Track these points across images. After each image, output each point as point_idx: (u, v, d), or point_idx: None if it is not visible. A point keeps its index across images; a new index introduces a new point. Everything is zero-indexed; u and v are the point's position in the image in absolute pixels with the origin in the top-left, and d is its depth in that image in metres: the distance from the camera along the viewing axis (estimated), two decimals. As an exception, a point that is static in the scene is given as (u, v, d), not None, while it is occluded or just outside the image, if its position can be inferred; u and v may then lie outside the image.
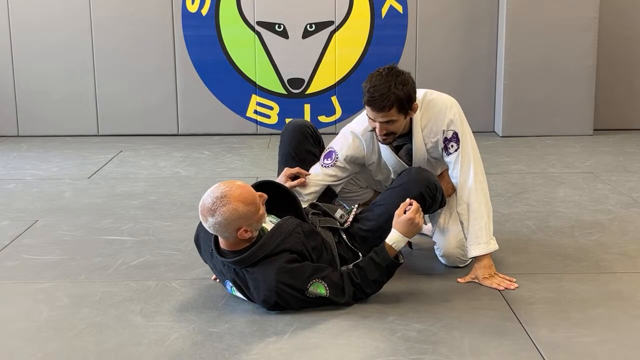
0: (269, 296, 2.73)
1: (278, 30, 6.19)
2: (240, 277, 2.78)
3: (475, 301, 2.88)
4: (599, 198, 4.33)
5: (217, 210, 2.67)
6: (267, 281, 2.72)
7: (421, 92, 3.14)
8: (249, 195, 2.72)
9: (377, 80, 2.95)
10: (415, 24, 6.19)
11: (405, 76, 2.98)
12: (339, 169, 3.24)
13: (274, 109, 6.31)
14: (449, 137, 3.10)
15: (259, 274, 2.74)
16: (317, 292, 2.75)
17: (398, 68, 3.02)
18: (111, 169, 5.17)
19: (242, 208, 2.68)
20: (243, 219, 2.69)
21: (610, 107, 6.37)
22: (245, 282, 2.78)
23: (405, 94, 2.95)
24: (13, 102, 6.25)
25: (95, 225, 3.88)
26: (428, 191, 2.99)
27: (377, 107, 2.95)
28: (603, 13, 6.08)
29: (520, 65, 6.05)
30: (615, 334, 2.61)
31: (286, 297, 2.74)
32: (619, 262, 3.32)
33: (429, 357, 2.45)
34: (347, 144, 3.22)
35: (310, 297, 2.75)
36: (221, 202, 2.67)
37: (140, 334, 2.63)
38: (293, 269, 2.75)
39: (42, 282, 3.12)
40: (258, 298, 2.77)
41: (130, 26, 6.16)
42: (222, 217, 2.67)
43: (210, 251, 2.86)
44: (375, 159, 3.24)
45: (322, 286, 2.76)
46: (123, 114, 6.27)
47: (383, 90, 2.92)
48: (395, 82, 2.93)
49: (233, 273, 2.80)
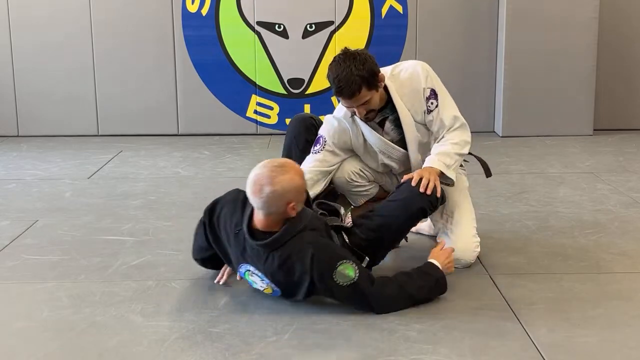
0: (301, 276, 2.68)
1: (278, 30, 6.19)
2: (269, 263, 2.72)
3: (475, 301, 2.88)
4: (599, 198, 4.33)
5: (276, 179, 2.66)
6: (300, 257, 2.68)
7: (389, 67, 3.19)
8: (301, 170, 2.77)
9: (338, 69, 2.97)
10: (415, 24, 6.19)
11: (362, 55, 3.01)
12: (329, 153, 3.26)
13: (274, 109, 6.31)
14: (428, 96, 3.13)
15: (292, 251, 2.69)
16: (346, 273, 2.68)
17: (352, 50, 3.05)
18: (111, 169, 5.17)
19: (298, 180, 2.71)
20: (296, 192, 2.70)
21: (610, 107, 6.37)
22: (274, 267, 2.71)
23: (368, 72, 2.97)
24: (13, 102, 6.25)
25: (95, 225, 3.88)
26: (429, 205, 3.01)
27: (347, 94, 2.98)
28: (603, 13, 6.08)
29: (520, 65, 6.05)
30: (615, 334, 2.61)
31: (317, 274, 2.67)
32: (619, 262, 3.32)
33: (429, 357, 2.45)
34: (333, 128, 3.25)
35: (339, 281, 2.68)
36: (280, 171, 2.68)
37: (140, 334, 2.63)
38: (326, 243, 2.75)
39: (42, 282, 3.12)
40: (287, 281, 2.72)
41: (130, 26, 6.16)
42: (280, 185, 2.65)
43: (235, 232, 2.80)
44: (361, 141, 3.26)
45: (352, 268, 2.70)
46: (123, 114, 6.27)
47: (347, 76, 2.94)
48: (354, 64, 2.96)
49: (262, 258, 2.73)
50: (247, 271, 2.83)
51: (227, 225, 2.86)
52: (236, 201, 2.87)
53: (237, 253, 2.83)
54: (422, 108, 3.15)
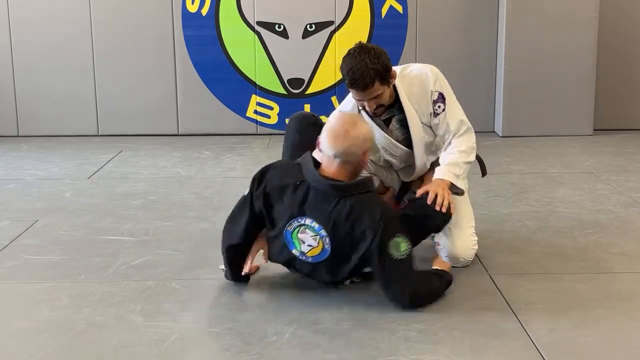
0: (364, 232, 2.69)
1: (278, 30, 6.19)
2: (338, 208, 2.71)
3: (475, 301, 2.88)
4: (599, 198, 4.33)
5: (358, 124, 2.78)
6: (370, 211, 2.70)
7: (399, 67, 3.23)
8: None
9: (353, 62, 3.00)
10: (415, 24, 6.19)
11: (376, 50, 3.06)
12: None
13: (274, 109, 6.31)
14: (436, 99, 3.16)
15: (364, 202, 2.72)
16: (400, 246, 2.71)
17: (367, 44, 3.10)
18: (111, 169, 5.17)
19: (370, 130, 2.87)
20: (371, 141, 2.82)
21: (610, 107, 6.36)
22: (343, 214, 2.70)
23: (383, 66, 3.01)
24: (13, 102, 6.25)
25: (95, 225, 3.88)
26: (444, 222, 3.06)
27: (361, 86, 3.00)
28: (603, 13, 6.08)
29: (520, 65, 6.05)
30: (615, 334, 2.61)
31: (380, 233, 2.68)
32: (618, 262, 3.32)
33: (429, 357, 2.45)
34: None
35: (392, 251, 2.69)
36: (359, 119, 2.85)
37: (140, 334, 2.63)
38: (393, 211, 2.84)
39: (42, 282, 3.12)
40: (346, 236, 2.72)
41: (130, 26, 6.16)
42: (363, 131, 2.78)
43: (297, 182, 2.77)
44: None
45: (405, 245, 2.73)
46: (123, 114, 6.27)
47: (361, 69, 2.97)
48: (369, 57, 2.99)
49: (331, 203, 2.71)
50: (298, 227, 2.77)
51: (280, 181, 2.82)
52: (288, 163, 2.91)
53: (292, 207, 2.78)
54: (428, 110, 3.17)
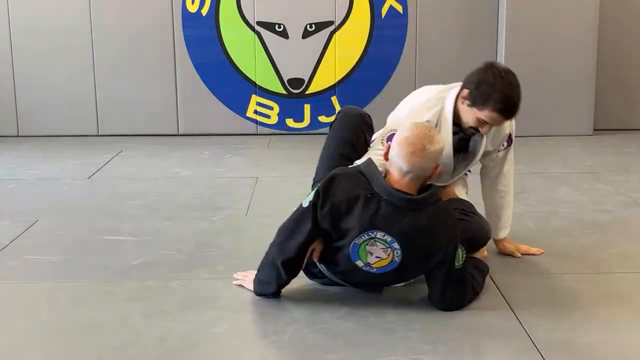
0: (439, 240, 2.70)
1: (278, 30, 6.19)
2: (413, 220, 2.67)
3: (475, 301, 2.87)
4: (599, 198, 4.33)
5: (435, 138, 2.70)
6: (446, 221, 2.73)
7: None
8: None
9: (509, 89, 2.94)
10: (415, 24, 6.19)
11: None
12: None
13: (274, 109, 6.30)
14: (507, 139, 3.25)
15: (439, 212, 2.72)
16: (459, 256, 2.74)
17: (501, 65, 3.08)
18: (111, 169, 5.17)
19: (444, 144, 2.77)
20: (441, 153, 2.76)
21: (610, 107, 6.36)
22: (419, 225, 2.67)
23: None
24: (13, 102, 6.24)
25: (95, 225, 3.88)
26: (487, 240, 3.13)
27: (511, 115, 3.01)
28: (603, 14, 6.08)
29: (520, 65, 6.00)
30: (615, 334, 2.62)
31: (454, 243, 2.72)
32: (618, 262, 3.32)
33: (429, 357, 2.45)
34: None
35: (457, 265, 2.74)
36: (435, 131, 2.75)
37: (140, 334, 2.63)
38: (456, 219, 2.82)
39: (42, 282, 3.12)
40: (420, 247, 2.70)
41: (130, 26, 6.15)
42: (439, 145, 2.70)
43: (368, 195, 2.68)
44: None
45: (462, 254, 2.76)
46: (123, 114, 6.27)
47: (518, 99, 2.95)
48: (520, 90, 2.98)
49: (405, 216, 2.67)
50: (368, 240, 2.70)
51: (347, 194, 2.71)
52: (351, 173, 2.78)
53: (363, 220, 2.68)
54: (495, 146, 3.23)
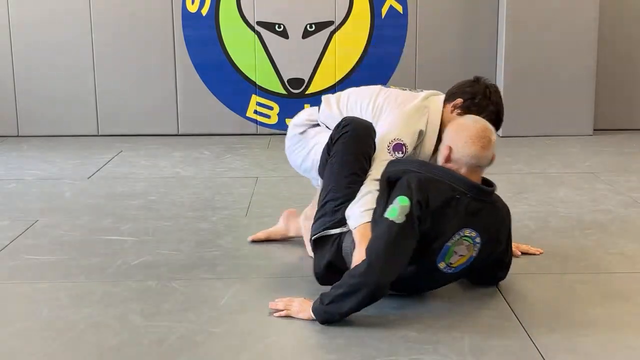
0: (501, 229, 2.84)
1: (278, 30, 6.19)
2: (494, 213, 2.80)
3: (475, 301, 2.88)
4: (599, 198, 4.33)
5: (490, 126, 2.80)
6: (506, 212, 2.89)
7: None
8: None
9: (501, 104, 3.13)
10: (415, 24, 6.19)
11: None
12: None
13: (274, 109, 6.31)
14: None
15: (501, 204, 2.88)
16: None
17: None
18: (111, 169, 5.17)
19: None
20: None
21: (610, 107, 6.37)
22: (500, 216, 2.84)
23: None
24: (13, 102, 6.25)
25: (95, 225, 3.88)
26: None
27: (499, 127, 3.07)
28: (603, 13, 6.08)
29: (520, 65, 6.05)
30: (615, 334, 2.61)
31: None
32: (618, 262, 3.32)
33: (429, 357, 2.45)
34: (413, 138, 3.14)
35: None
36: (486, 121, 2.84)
37: (140, 334, 2.63)
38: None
39: (42, 282, 3.12)
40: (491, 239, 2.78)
41: (130, 26, 6.16)
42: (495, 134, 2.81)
43: (457, 196, 2.66)
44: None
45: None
46: (123, 114, 6.27)
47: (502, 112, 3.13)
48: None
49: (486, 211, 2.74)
50: (459, 238, 2.68)
51: (440, 197, 2.65)
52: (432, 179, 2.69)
53: (458, 219, 2.67)
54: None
